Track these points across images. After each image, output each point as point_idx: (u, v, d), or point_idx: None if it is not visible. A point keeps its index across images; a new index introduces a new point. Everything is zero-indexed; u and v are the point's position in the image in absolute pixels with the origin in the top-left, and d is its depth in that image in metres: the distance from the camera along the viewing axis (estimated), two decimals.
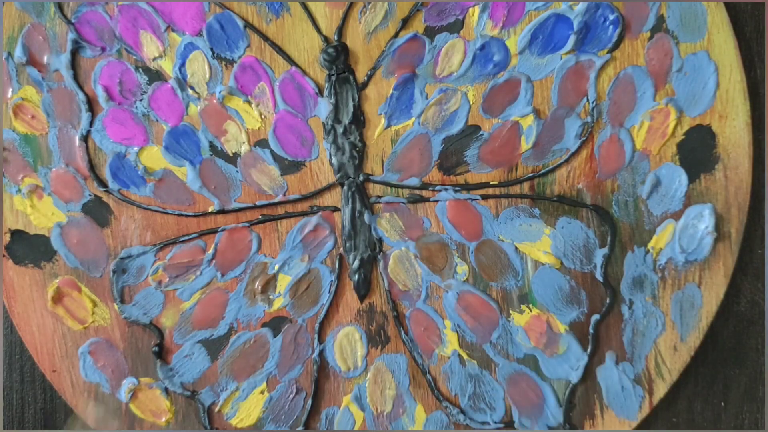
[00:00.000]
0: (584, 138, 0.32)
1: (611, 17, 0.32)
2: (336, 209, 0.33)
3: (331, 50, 0.32)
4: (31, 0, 0.32)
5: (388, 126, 0.33)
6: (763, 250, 0.33)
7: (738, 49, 0.32)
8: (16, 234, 0.33)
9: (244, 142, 0.33)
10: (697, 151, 0.32)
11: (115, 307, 0.33)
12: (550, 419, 0.32)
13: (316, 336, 0.33)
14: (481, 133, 0.33)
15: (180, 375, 0.33)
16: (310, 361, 0.33)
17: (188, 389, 0.33)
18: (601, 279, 0.32)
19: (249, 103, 0.33)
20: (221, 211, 0.33)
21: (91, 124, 0.33)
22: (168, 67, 0.33)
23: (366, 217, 0.33)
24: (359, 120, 0.33)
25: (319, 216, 0.33)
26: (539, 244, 0.32)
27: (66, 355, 0.33)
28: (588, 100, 0.32)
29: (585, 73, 0.32)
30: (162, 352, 0.33)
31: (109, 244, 0.33)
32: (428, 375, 0.33)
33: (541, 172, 0.32)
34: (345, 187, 0.33)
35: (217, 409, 0.33)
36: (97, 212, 0.33)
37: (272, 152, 0.33)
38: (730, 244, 0.32)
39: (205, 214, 0.33)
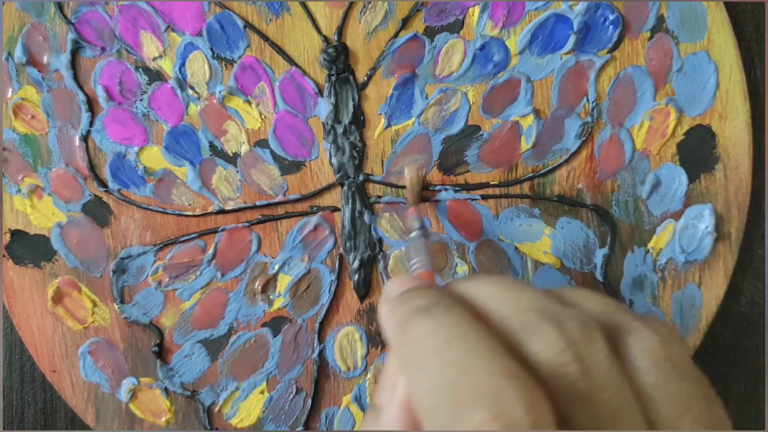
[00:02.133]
0: (584, 138, 0.32)
1: (611, 17, 0.32)
2: (336, 209, 0.33)
3: (331, 50, 0.32)
4: (31, 0, 0.32)
5: (388, 126, 0.33)
6: (763, 250, 0.33)
7: (738, 49, 0.32)
8: (16, 234, 0.33)
9: (244, 142, 0.33)
10: (697, 151, 0.32)
11: (115, 307, 0.33)
12: None
13: (316, 336, 0.33)
14: (481, 133, 0.33)
15: (180, 375, 0.33)
16: (310, 361, 0.33)
17: (188, 389, 0.33)
18: (601, 279, 0.32)
19: (249, 103, 0.33)
20: (221, 211, 0.33)
21: (91, 124, 0.33)
22: (168, 67, 0.33)
23: (366, 217, 0.33)
24: (359, 120, 0.33)
25: (319, 216, 0.33)
26: (539, 245, 0.32)
27: (66, 355, 0.33)
28: (588, 100, 0.32)
29: (585, 73, 0.32)
30: (162, 352, 0.33)
31: (109, 244, 0.33)
32: None
33: (541, 172, 0.32)
34: (345, 187, 0.33)
35: (217, 409, 0.33)
36: (97, 212, 0.33)
37: (272, 152, 0.33)
38: (730, 244, 0.32)
39: (205, 214, 0.33)
